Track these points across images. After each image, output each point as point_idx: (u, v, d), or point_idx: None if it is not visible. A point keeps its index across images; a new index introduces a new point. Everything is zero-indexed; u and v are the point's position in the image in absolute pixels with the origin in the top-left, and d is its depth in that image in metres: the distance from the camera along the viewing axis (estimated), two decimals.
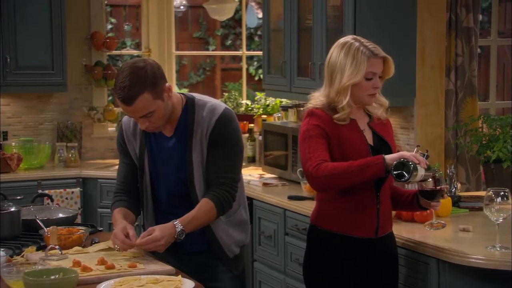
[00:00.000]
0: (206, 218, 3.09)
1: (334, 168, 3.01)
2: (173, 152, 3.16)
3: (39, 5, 5.69)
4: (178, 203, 3.18)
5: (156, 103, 2.99)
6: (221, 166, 3.12)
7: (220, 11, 6.70)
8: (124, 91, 2.94)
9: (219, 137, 3.11)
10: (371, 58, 3.09)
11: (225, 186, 3.12)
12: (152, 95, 2.97)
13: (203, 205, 3.08)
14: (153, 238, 2.97)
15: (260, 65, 9.30)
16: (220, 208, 3.10)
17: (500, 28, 5.44)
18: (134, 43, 9.65)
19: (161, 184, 3.21)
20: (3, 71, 5.62)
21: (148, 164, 3.20)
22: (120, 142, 3.27)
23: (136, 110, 2.98)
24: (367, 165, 3.00)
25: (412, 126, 4.67)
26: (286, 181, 5.07)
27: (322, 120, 3.11)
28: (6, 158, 5.56)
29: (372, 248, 3.18)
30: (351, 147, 3.11)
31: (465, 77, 4.71)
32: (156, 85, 2.99)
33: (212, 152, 3.12)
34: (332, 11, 4.70)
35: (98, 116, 6.22)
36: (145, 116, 3.01)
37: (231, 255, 3.22)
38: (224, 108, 3.15)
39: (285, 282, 4.53)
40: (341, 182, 3.04)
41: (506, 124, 4.27)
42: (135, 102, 2.95)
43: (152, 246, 2.98)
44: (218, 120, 3.11)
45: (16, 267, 2.73)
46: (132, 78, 2.94)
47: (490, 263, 3.08)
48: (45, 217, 3.53)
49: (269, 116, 6.13)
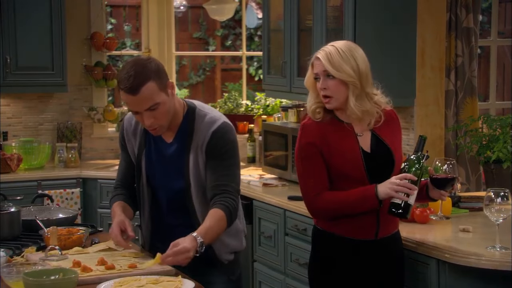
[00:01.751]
0: (220, 228, 3.05)
1: (330, 201, 3.11)
2: (172, 159, 3.15)
3: (39, 5, 5.69)
4: (175, 207, 3.17)
5: (161, 95, 2.97)
6: (221, 176, 3.09)
7: (220, 12, 6.70)
8: (129, 80, 2.92)
9: (215, 149, 3.09)
10: (313, 60, 3.15)
11: (229, 194, 3.09)
12: (157, 85, 2.96)
13: (214, 215, 3.03)
14: (182, 249, 2.87)
15: (260, 66, 9.30)
16: (229, 216, 3.07)
17: (500, 29, 5.44)
18: (134, 43, 9.65)
19: (157, 187, 3.20)
20: (3, 72, 5.62)
21: (145, 166, 3.19)
22: (121, 139, 3.28)
23: (142, 100, 2.95)
24: (362, 200, 3.07)
25: (412, 127, 4.67)
26: (286, 182, 5.07)
27: (312, 134, 3.13)
28: (6, 158, 5.56)
29: (372, 250, 3.18)
30: (341, 156, 3.11)
31: (465, 77, 4.71)
32: (161, 77, 2.98)
33: (211, 163, 3.10)
34: (332, 11, 4.70)
35: (98, 116, 6.22)
36: (150, 109, 2.97)
37: (226, 261, 3.22)
38: (223, 122, 3.13)
39: (285, 282, 4.53)
40: (337, 214, 3.14)
41: (506, 124, 4.27)
42: (141, 90, 2.92)
43: (183, 257, 2.88)
44: (215, 133, 3.09)
45: (16, 267, 2.73)
46: (137, 68, 2.94)
47: (490, 264, 3.08)
48: (45, 218, 3.53)
49: (269, 117, 6.13)
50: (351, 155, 3.11)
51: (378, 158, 3.15)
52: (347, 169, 3.10)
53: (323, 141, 3.11)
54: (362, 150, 3.13)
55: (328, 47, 3.13)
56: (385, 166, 3.16)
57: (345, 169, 3.10)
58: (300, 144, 3.16)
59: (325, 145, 3.11)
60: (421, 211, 3.68)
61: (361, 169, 3.11)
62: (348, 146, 3.13)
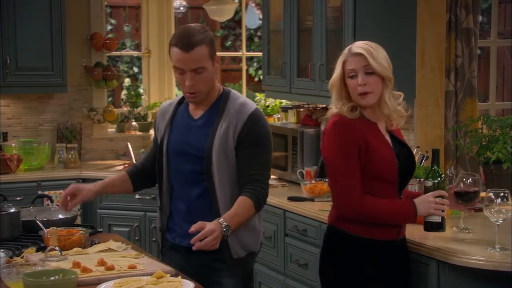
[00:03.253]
0: (246, 215, 3.11)
1: (373, 208, 3.08)
2: (196, 133, 3.19)
3: (39, 6, 5.69)
4: (194, 186, 3.18)
5: (209, 62, 3.10)
6: (253, 163, 3.14)
7: (220, 12, 6.70)
8: (186, 38, 3.05)
9: (250, 134, 3.14)
10: (349, 58, 3.12)
11: (259, 183, 3.14)
12: (209, 52, 3.09)
13: (242, 202, 3.09)
14: (208, 231, 2.92)
15: (260, 66, 9.30)
16: (258, 204, 3.13)
17: (500, 29, 5.44)
18: (134, 44, 9.66)
19: (178, 164, 3.21)
20: (3, 72, 5.62)
21: (167, 142, 3.24)
22: (154, 123, 3.39)
23: (192, 60, 3.05)
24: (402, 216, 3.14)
25: (412, 127, 4.67)
26: (286, 182, 5.07)
27: (352, 131, 3.09)
28: (6, 159, 5.56)
29: (394, 249, 3.21)
30: (379, 156, 3.10)
31: (465, 78, 4.71)
32: (213, 46, 3.12)
33: (244, 150, 3.15)
34: (332, 12, 4.69)
35: (98, 117, 6.22)
36: (196, 71, 3.07)
37: (235, 255, 3.19)
38: (256, 108, 3.22)
39: (285, 283, 4.53)
40: (374, 220, 3.12)
41: (506, 125, 4.27)
42: (195, 49, 3.05)
43: (210, 239, 2.92)
44: (249, 118, 3.15)
45: (16, 268, 2.74)
46: (195, 30, 3.10)
47: (490, 264, 3.09)
48: (45, 218, 3.54)
49: (269, 117, 6.13)
50: (388, 156, 3.13)
51: (402, 159, 3.17)
52: (384, 170, 3.11)
53: (363, 139, 3.09)
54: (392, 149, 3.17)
55: (360, 44, 3.13)
56: (409, 168, 3.21)
57: (382, 170, 3.10)
58: (342, 141, 3.08)
59: (364, 144, 3.08)
60: None
61: (395, 170, 3.13)
62: (384, 146, 3.14)
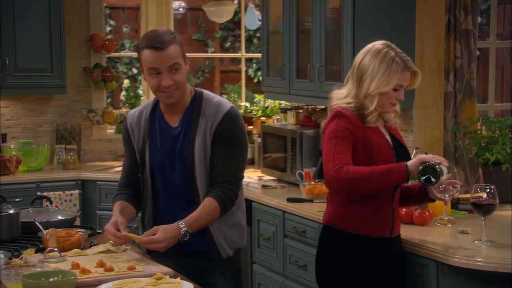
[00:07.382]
0: (210, 218, 3.12)
1: (357, 172, 3.04)
2: (177, 143, 3.17)
3: (38, 7, 5.69)
4: (178, 196, 3.19)
5: (182, 61, 3.13)
6: (225, 163, 3.14)
7: (219, 13, 6.71)
8: (158, 37, 3.09)
9: (224, 133, 3.14)
10: (404, 71, 3.16)
11: (228, 184, 3.14)
12: (180, 51, 3.14)
13: (207, 205, 3.10)
14: (155, 239, 3.00)
15: (259, 67, 9.31)
16: (224, 207, 3.13)
17: (499, 30, 5.43)
18: (133, 45, 9.66)
19: (161, 175, 3.21)
20: (2, 73, 5.62)
21: (149, 154, 3.21)
22: (125, 135, 3.31)
23: (167, 57, 3.07)
24: (389, 171, 3.05)
25: (411, 129, 4.67)
26: (285, 183, 5.07)
27: (351, 122, 3.13)
28: (5, 160, 5.56)
29: (386, 247, 3.22)
30: (379, 151, 3.14)
31: (464, 79, 4.71)
32: (183, 47, 3.18)
33: (216, 149, 3.14)
34: (331, 13, 4.69)
35: (97, 118, 6.22)
36: (172, 68, 3.08)
37: (224, 255, 3.21)
38: (231, 106, 3.19)
39: (284, 284, 4.53)
40: (361, 186, 3.07)
41: (505, 126, 4.27)
42: (168, 48, 3.08)
43: (154, 246, 3.02)
44: (224, 117, 3.14)
45: (15, 269, 2.73)
46: (164, 31, 3.17)
47: (489, 265, 3.09)
48: (44, 219, 3.53)
49: (268, 118, 6.13)
50: (386, 150, 3.18)
51: (400, 155, 3.22)
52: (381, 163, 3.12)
53: (361, 134, 3.12)
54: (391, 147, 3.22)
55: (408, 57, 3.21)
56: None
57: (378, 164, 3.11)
58: (337, 126, 3.12)
59: (363, 138, 3.12)
60: (420, 212, 3.69)
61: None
62: (383, 142, 3.19)
